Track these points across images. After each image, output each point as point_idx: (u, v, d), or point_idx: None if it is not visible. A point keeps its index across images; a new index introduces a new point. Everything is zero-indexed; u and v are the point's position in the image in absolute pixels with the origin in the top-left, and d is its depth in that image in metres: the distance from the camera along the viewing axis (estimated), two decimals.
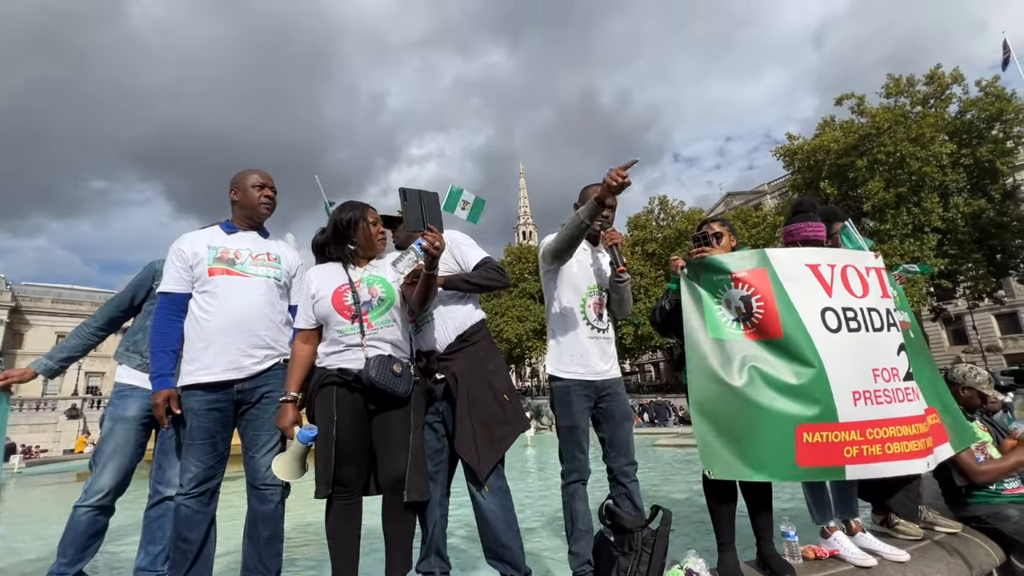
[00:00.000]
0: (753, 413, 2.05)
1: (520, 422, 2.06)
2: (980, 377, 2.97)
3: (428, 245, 1.84)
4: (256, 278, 2.15)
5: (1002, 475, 2.71)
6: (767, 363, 2.12)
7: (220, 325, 2.05)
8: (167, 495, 2.18)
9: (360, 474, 1.99)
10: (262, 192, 2.24)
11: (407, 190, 1.93)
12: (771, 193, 45.47)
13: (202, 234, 2.23)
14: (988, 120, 22.93)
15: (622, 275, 2.29)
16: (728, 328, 2.20)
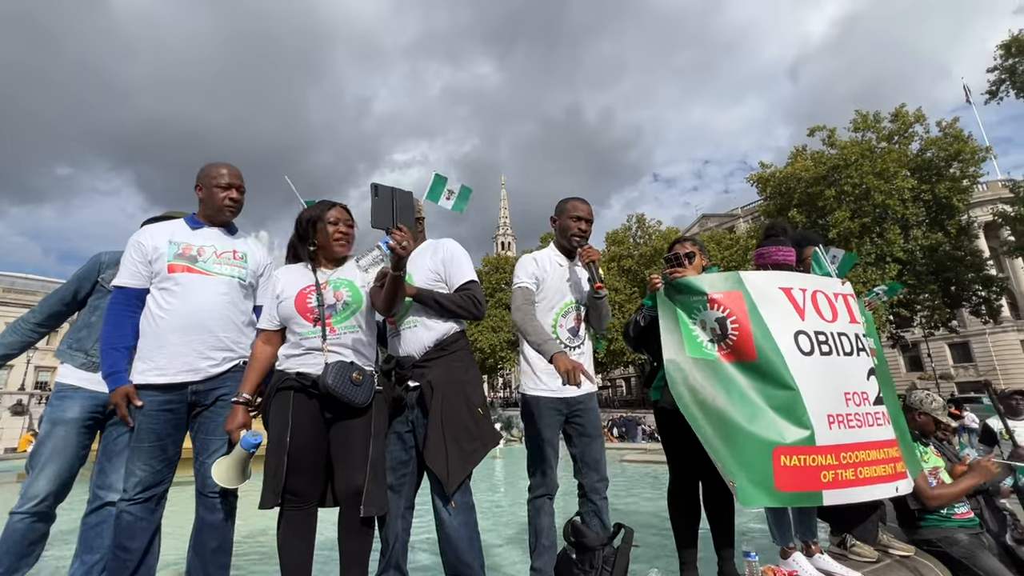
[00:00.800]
0: (731, 435, 2.04)
1: (491, 437, 2.00)
2: (936, 404, 3.07)
3: (395, 244, 1.75)
4: (219, 277, 2.06)
5: (953, 500, 2.80)
6: (743, 385, 2.12)
7: (177, 325, 1.96)
8: (108, 500, 2.04)
9: (315, 484, 1.90)
10: (227, 193, 2.13)
11: (379, 186, 1.85)
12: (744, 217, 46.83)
13: (164, 228, 2.13)
14: (947, 159, 24.22)
15: (599, 291, 2.28)
16: (704, 348, 2.20)
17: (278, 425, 1.88)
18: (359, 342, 1.99)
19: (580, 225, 2.36)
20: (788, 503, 2.09)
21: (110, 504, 2.02)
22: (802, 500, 2.09)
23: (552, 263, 2.35)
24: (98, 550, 2.02)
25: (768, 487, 1.97)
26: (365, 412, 1.90)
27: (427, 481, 2.00)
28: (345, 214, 2.12)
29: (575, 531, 1.96)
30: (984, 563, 2.61)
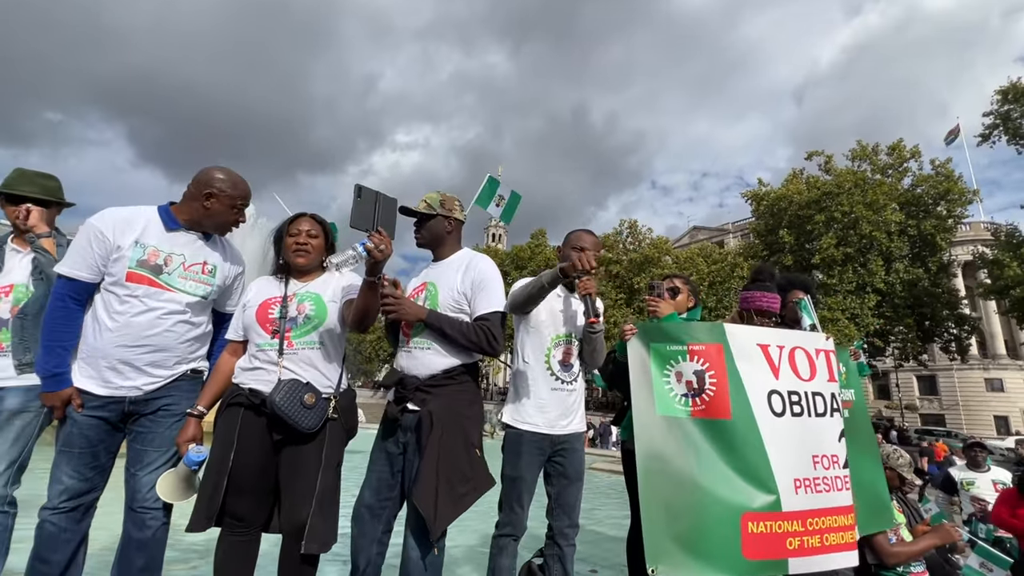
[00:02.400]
0: (699, 498, 1.97)
1: (485, 482, 1.87)
2: (902, 460, 3.07)
3: (372, 247, 1.64)
4: (180, 294, 1.86)
5: (911, 558, 2.80)
6: (713, 445, 2.03)
7: (124, 340, 1.78)
8: None
9: (259, 509, 1.80)
10: (239, 215, 1.97)
11: (363, 188, 1.76)
12: (734, 233, 47.34)
13: (134, 220, 1.85)
14: (935, 197, 24.76)
15: (595, 326, 2.19)
16: (676, 404, 2.10)
17: (222, 443, 1.78)
18: (318, 360, 1.87)
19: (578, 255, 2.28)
20: (754, 572, 2.04)
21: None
22: (768, 568, 2.01)
23: (551, 293, 2.25)
24: None
25: (736, 557, 1.91)
26: (316, 438, 1.78)
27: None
28: (309, 225, 1.99)
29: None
30: None
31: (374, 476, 1.93)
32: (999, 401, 37.22)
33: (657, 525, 1.98)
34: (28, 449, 1.95)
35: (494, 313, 1.96)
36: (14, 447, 1.89)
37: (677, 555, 1.95)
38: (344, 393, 1.93)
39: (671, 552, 1.96)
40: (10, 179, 2.19)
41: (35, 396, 1.90)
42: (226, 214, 1.93)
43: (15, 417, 1.90)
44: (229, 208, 1.92)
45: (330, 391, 1.87)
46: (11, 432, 1.89)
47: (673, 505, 2.00)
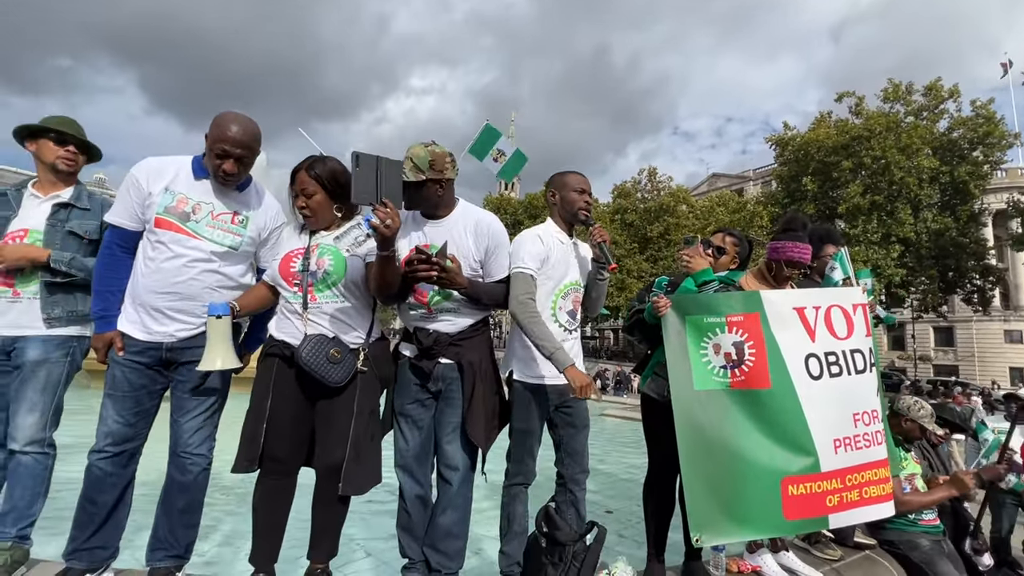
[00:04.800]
0: (739, 467, 2.01)
1: (507, 419, 2.09)
2: (924, 411, 3.04)
3: (378, 223, 1.56)
4: (206, 243, 1.84)
5: (923, 508, 2.84)
6: (752, 415, 2.05)
7: (154, 285, 1.80)
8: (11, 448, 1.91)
9: (296, 453, 1.87)
10: (221, 164, 1.80)
11: (361, 155, 1.58)
12: (755, 180, 45.82)
13: (167, 168, 1.87)
14: (972, 141, 23.40)
15: (604, 273, 2.16)
16: (715, 377, 2.10)
17: (260, 391, 1.85)
18: (344, 313, 1.87)
19: (585, 198, 2.20)
20: (795, 531, 2.11)
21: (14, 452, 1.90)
22: (808, 526, 2.11)
23: (555, 240, 2.18)
24: (7, 500, 1.92)
25: (777, 518, 1.97)
26: (347, 388, 1.82)
27: None
28: (303, 182, 1.86)
29: (548, 521, 1.94)
30: (941, 570, 2.68)
31: (413, 427, 1.97)
32: (1017, 353, 36.84)
33: (700, 496, 2.02)
34: (59, 395, 2.02)
35: (507, 276, 2.04)
36: (45, 394, 1.95)
37: (720, 522, 2.02)
38: (375, 343, 1.95)
39: (714, 520, 2.02)
40: (51, 120, 2.13)
41: (55, 346, 1.99)
42: (211, 159, 1.81)
43: (38, 367, 1.95)
44: (211, 150, 1.80)
45: (359, 343, 1.88)
46: (38, 381, 1.94)
47: (714, 475, 2.04)
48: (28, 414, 1.91)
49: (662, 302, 2.16)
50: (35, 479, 1.92)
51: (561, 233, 2.22)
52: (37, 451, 1.92)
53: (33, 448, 1.91)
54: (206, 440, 1.91)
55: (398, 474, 1.98)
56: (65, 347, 2.03)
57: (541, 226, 2.22)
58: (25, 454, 1.90)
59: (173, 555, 1.86)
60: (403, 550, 1.99)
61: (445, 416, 1.95)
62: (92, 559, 1.79)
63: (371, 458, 1.87)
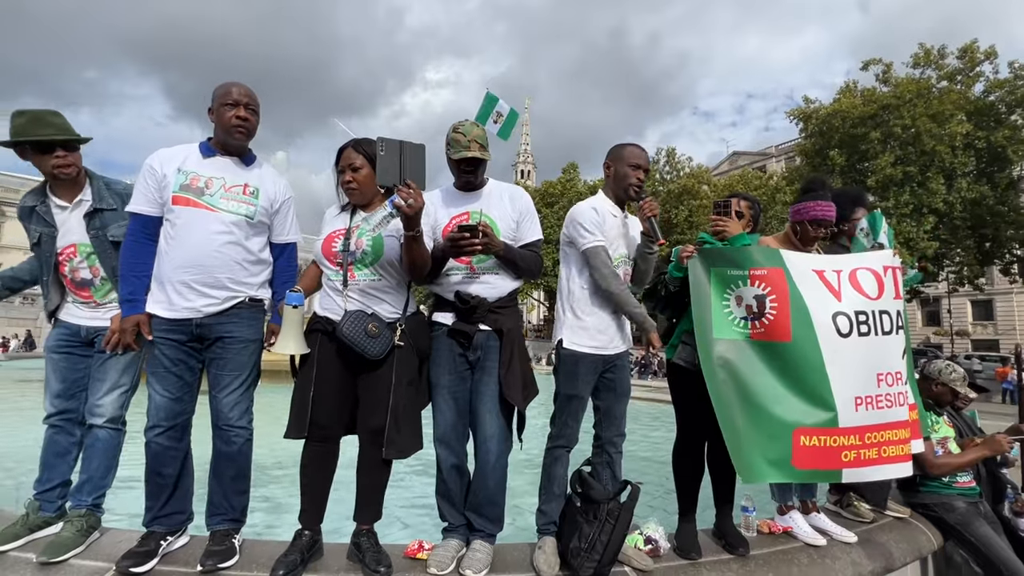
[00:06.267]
0: (753, 415, 2.05)
1: (536, 389, 2.16)
2: (955, 374, 3.00)
3: (401, 203, 1.67)
4: (223, 214, 1.97)
5: (956, 470, 2.81)
6: (769, 366, 2.09)
7: (176, 262, 1.92)
8: (91, 423, 2.07)
9: (339, 421, 1.99)
10: (235, 112, 1.97)
11: (386, 140, 1.71)
12: (777, 156, 44.56)
13: (177, 153, 2.04)
14: (1012, 104, 22.23)
15: (654, 247, 2.23)
16: (735, 327, 2.15)
17: (307, 365, 1.98)
18: (381, 290, 1.99)
19: (639, 174, 2.23)
20: (805, 480, 2.15)
21: (93, 426, 2.06)
22: (820, 477, 2.14)
23: (607, 212, 2.24)
24: (85, 471, 2.06)
25: (785, 464, 2.02)
26: (386, 361, 1.92)
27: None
28: (351, 157, 1.99)
29: (582, 483, 2.01)
30: (977, 531, 2.66)
31: (450, 399, 2.05)
32: None
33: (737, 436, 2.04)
34: (136, 376, 2.18)
35: (539, 240, 2.17)
36: (125, 375, 2.12)
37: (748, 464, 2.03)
38: (411, 317, 2.05)
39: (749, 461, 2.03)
40: (20, 125, 2.02)
41: None
42: (222, 117, 1.97)
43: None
44: (221, 109, 1.97)
45: (396, 317, 1.99)
46: (120, 363, 2.10)
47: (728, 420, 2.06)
48: (110, 392, 2.08)
49: (688, 250, 2.21)
50: (109, 453, 2.09)
51: (614, 207, 2.28)
52: (113, 427, 2.09)
53: (112, 424, 2.08)
54: (245, 413, 2.03)
55: (436, 446, 2.08)
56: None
57: (594, 198, 2.31)
58: (103, 428, 2.06)
59: (230, 519, 1.99)
60: (443, 515, 2.09)
61: (483, 384, 2.03)
62: (171, 523, 1.96)
63: (411, 425, 1.97)
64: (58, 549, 1.84)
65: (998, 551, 2.58)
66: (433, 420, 2.09)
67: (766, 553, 2.22)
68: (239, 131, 2.00)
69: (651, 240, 2.20)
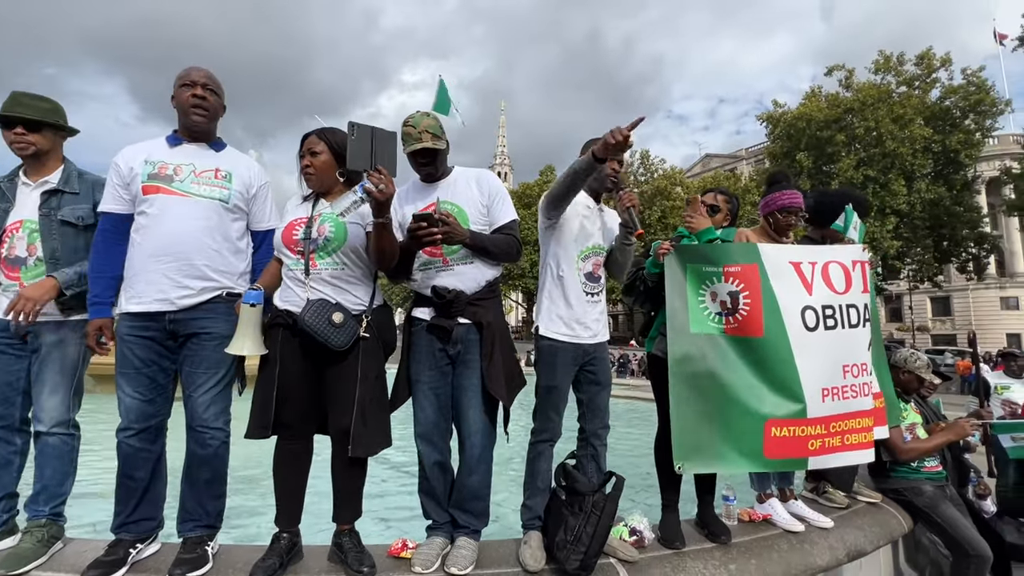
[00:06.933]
0: (726, 407, 2.12)
1: (522, 381, 2.11)
2: (920, 362, 3.13)
3: (371, 188, 1.63)
4: (197, 199, 1.90)
5: (924, 455, 2.92)
6: (744, 359, 2.16)
7: (150, 251, 1.85)
8: (36, 430, 1.96)
9: (308, 419, 1.92)
10: (191, 91, 1.91)
11: (357, 125, 1.67)
12: (748, 159, 45.79)
13: (143, 147, 1.97)
14: (964, 110, 23.38)
15: (632, 239, 2.22)
16: (710, 322, 2.21)
17: (268, 361, 1.88)
18: (345, 280, 1.91)
19: (613, 166, 2.24)
20: (774, 468, 2.27)
21: (40, 434, 1.95)
22: (788, 465, 2.26)
23: (580, 204, 2.25)
24: (39, 480, 1.95)
25: (757, 455, 2.10)
26: (351, 353, 1.85)
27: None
28: (310, 142, 1.95)
29: (567, 475, 2.01)
30: (944, 513, 2.76)
31: (431, 395, 2.00)
32: (1014, 319, 37.16)
33: (686, 429, 2.13)
34: (79, 376, 2.06)
35: (514, 221, 2.10)
36: (65, 375, 1.99)
37: (703, 454, 2.13)
38: (378, 310, 1.98)
39: (698, 452, 2.13)
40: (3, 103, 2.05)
41: (71, 328, 2.01)
42: (180, 98, 1.93)
43: (55, 348, 1.98)
44: (179, 91, 1.93)
45: (361, 309, 1.92)
46: (56, 362, 1.97)
47: (702, 412, 2.14)
48: (51, 396, 1.95)
49: (664, 247, 2.24)
50: (63, 459, 1.97)
51: (588, 199, 2.29)
52: (63, 432, 1.97)
53: (59, 430, 1.96)
54: (221, 413, 1.93)
55: (417, 443, 2.03)
56: (80, 329, 2.06)
57: None
58: (51, 435, 1.95)
59: (204, 525, 1.91)
60: (426, 513, 2.06)
61: (464, 379, 1.99)
62: (140, 530, 1.85)
63: (379, 421, 1.90)
64: (18, 561, 1.73)
65: (964, 532, 2.69)
66: (414, 417, 2.04)
67: (747, 541, 2.26)
68: (197, 111, 1.94)
69: (629, 231, 2.21)
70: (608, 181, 2.24)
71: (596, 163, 1.94)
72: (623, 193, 2.16)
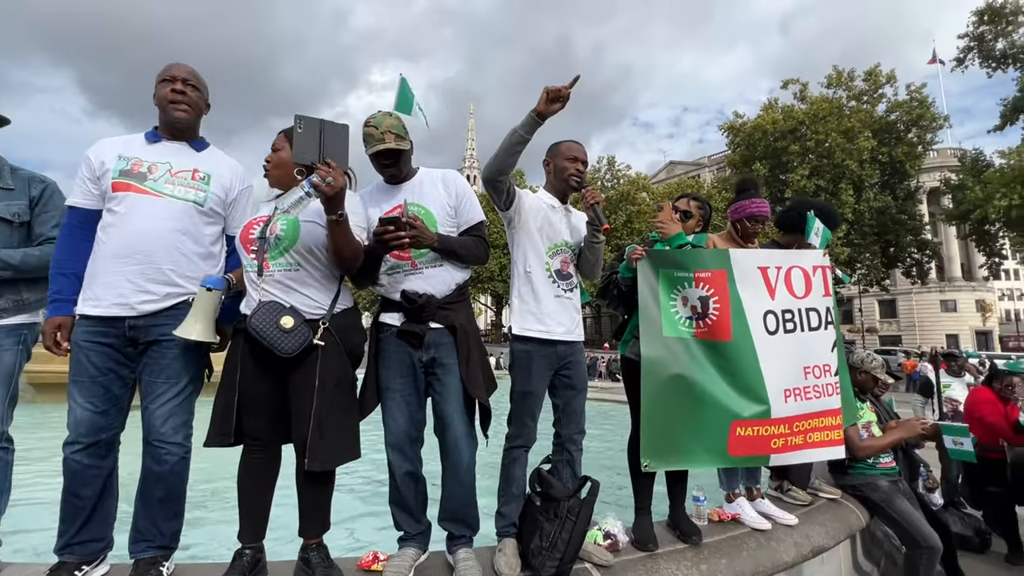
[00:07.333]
0: (696, 408, 2.16)
1: (494, 384, 2.05)
2: (875, 363, 3.28)
3: (319, 182, 1.52)
4: (170, 200, 1.80)
5: (879, 452, 3.06)
6: (713, 362, 2.22)
7: (114, 251, 1.73)
8: None
9: (273, 428, 1.82)
10: (172, 86, 1.83)
11: (304, 117, 1.57)
12: (710, 166, 47.29)
13: (118, 140, 1.87)
14: (908, 123, 24.90)
15: (600, 235, 2.21)
16: (681, 326, 2.25)
17: (230, 366, 1.80)
18: (299, 282, 1.79)
19: (577, 166, 2.25)
20: (737, 465, 2.35)
21: None
22: (751, 462, 2.33)
23: (545, 204, 2.24)
24: None
25: (722, 452, 2.17)
26: (307, 360, 1.74)
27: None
28: (278, 141, 1.92)
29: (541, 481, 1.99)
30: (898, 507, 2.90)
31: (402, 403, 1.93)
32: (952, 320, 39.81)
33: (655, 428, 2.17)
34: (13, 385, 1.94)
35: (482, 222, 2.07)
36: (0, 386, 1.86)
37: (670, 453, 2.18)
38: (341, 314, 1.87)
39: (665, 450, 2.18)
40: None
41: (4, 334, 1.92)
42: (160, 93, 1.85)
43: None
44: (159, 87, 1.85)
45: (319, 314, 1.80)
46: None
47: (672, 412, 2.17)
48: None
49: (638, 252, 2.27)
50: None
51: (552, 199, 2.28)
52: None
53: None
54: (181, 427, 1.79)
55: (388, 452, 1.96)
56: (15, 335, 1.95)
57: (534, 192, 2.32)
58: None
59: (158, 545, 1.78)
60: (398, 524, 1.99)
61: (445, 385, 1.91)
62: (85, 551, 1.72)
63: (340, 432, 1.78)
64: None
65: (916, 524, 2.83)
66: (384, 426, 1.97)
67: (717, 540, 2.29)
68: (177, 107, 1.84)
69: (596, 228, 2.20)
70: (572, 180, 2.24)
71: (537, 120, 1.94)
72: (587, 191, 2.15)
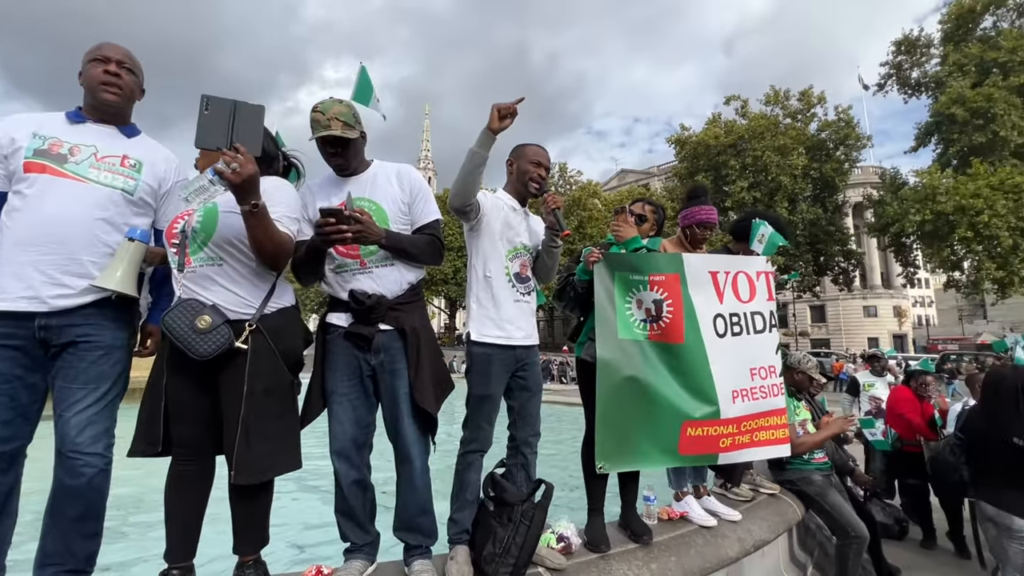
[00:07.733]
0: (648, 409, 2.21)
1: (451, 384, 1.97)
2: (811, 363, 3.48)
3: (223, 168, 1.39)
4: (94, 185, 1.63)
5: (813, 448, 3.24)
6: (666, 364, 2.27)
7: (22, 237, 1.54)
8: None
9: (203, 437, 1.68)
10: (103, 67, 1.68)
11: (213, 98, 1.44)
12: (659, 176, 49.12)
13: (34, 117, 1.70)
14: (836, 142, 26.85)
15: (558, 240, 2.20)
16: (636, 328, 2.29)
17: (156, 370, 1.67)
18: (222, 278, 1.64)
19: (540, 171, 2.23)
20: (687, 464, 2.42)
21: None
22: (699, 461, 2.40)
23: (505, 205, 2.22)
24: None
25: (672, 451, 2.23)
26: (233, 363, 1.61)
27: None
28: None
29: (495, 486, 1.95)
30: (831, 499, 3.08)
31: (349, 408, 1.84)
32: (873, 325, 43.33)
33: (609, 430, 2.19)
34: None
35: (437, 221, 1.99)
36: None
37: (623, 454, 2.21)
38: (277, 313, 1.73)
39: (618, 451, 2.20)
40: None
41: None
42: (90, 73, 1.69)
43: None
44: (88, 66, 1.70)
45: (247, 314, 1.66)
46: None
47: (625, 414, 2.20)
48: None
49: (594, 255, 2.29)
50: None
51: (512, 200, 2.26)
52: None
53: None
54: (101, 436, 1.61)
55: (333, 460, 1.86)
56: None
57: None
58: None
59: (68, 569, 1.58)
60: (344, 535, 1.90)
61: (395, 390, 1.83)
62: None
63: (271, 441, 1.64)
64: None
65: (847, 516, 3.01)
66: (330, 431, 1.87)
67: (667, 539, 2.34)
68: (108, 90, 1.68)
69: (555, 232, 2.20)
70: (532, 185, 2.23)
71: (492, 136, 1.94)
72: (548, 195, 2.15)
